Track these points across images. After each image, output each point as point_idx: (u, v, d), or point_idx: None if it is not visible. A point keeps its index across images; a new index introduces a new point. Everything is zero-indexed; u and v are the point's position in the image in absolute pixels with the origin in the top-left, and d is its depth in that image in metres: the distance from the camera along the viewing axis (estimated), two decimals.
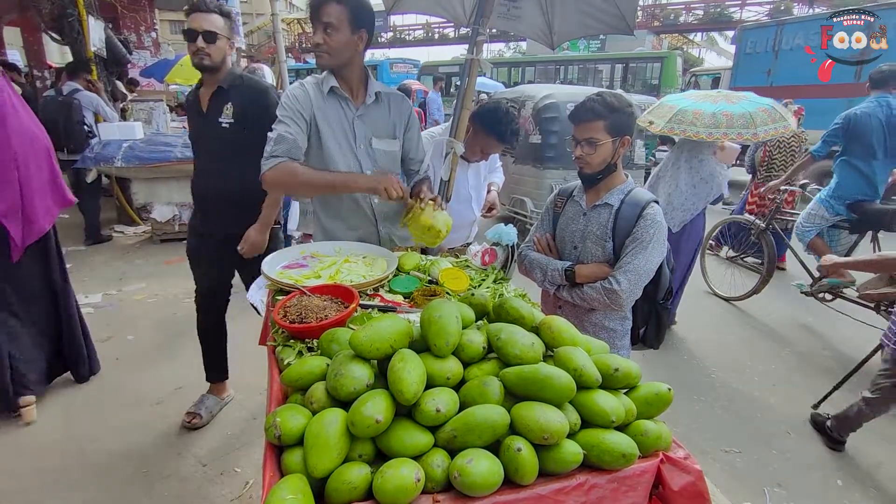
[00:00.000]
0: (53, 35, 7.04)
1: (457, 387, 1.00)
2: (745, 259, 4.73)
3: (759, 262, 4.47)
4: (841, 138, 3.76)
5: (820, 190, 4.05)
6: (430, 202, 1.78)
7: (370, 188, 1.74)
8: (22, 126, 2.58)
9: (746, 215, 4.92)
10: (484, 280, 1.72)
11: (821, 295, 3.73)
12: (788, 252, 4.62)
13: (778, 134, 3.45)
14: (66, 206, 2.83)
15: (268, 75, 4.58)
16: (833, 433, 2.64)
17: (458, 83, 2.22)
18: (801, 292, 3.76)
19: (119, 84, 7.92)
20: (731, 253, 4.78)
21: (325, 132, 1.83)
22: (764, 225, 4.30)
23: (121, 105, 7.44)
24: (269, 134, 1.75)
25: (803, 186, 4.42)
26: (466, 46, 2.26)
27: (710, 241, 4.96)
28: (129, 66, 9.29)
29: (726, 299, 4.56)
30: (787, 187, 4.30)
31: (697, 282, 4.61)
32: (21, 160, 2.50)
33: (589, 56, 17.46)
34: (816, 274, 3.82)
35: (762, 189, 4.50)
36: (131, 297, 4.28)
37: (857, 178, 3.74)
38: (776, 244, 4.42)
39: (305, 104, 1.79)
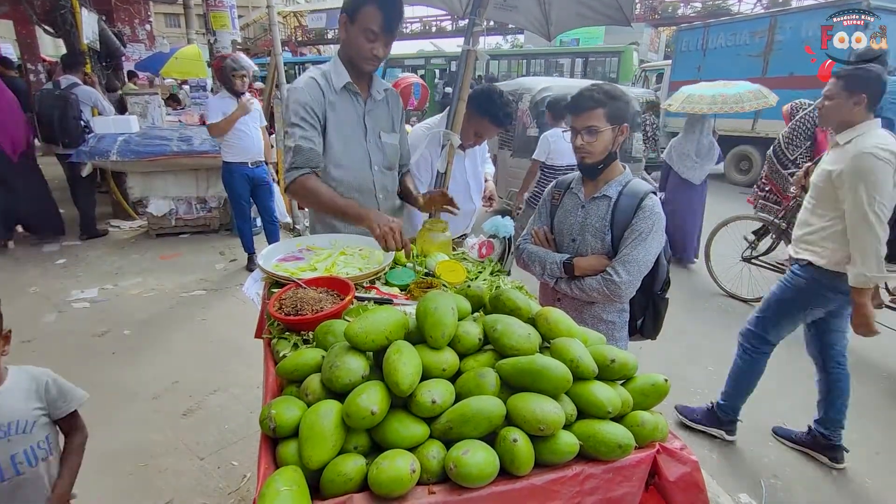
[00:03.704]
0: (46, 28, 6.99)
1: (453, 378, 1.00)
2: (762, 259, 4.27)
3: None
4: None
5: None
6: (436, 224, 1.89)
7: (373, 228, 1.60)
8: None
9: (760, 214, 4.71)
10: (481, 272, 1.71)
11: None
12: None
13: (760, 107, 5.08)
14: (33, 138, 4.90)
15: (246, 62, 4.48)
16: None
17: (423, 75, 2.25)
18: None
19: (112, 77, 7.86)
20: (747, 253, 4.36)
21: (330, 126, 1.83)
22: (785, 224, 3.96)
23: (118, 94, 7.37)
24: (288, 143, 1.76)
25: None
26: (447, 40, 2.26)
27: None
28: (123, 58, 9.22)
29: (745, 300, 4.30)
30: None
31: (698, 280, 4.62)
32: (4, 106, 4.70)
33: (551, 50, 17.58)
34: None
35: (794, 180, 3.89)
36: (127, 291, 4.26)
37: None
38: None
39: (319, 103, 1.79)
